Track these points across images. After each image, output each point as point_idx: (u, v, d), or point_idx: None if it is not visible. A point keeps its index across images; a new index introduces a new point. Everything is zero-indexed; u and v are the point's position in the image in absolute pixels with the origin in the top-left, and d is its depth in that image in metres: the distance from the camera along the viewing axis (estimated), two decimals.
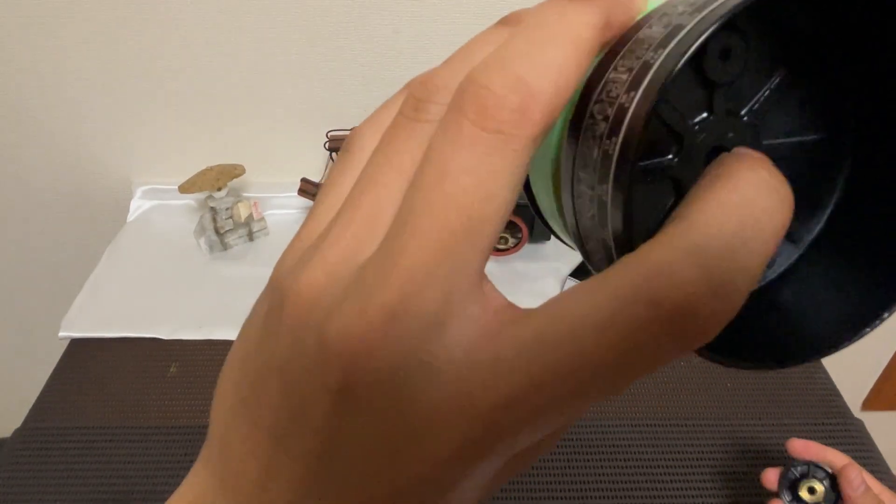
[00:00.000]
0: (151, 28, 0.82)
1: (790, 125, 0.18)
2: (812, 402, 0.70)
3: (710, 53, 0.16)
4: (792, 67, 0.18)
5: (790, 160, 0.18)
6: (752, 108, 0.18)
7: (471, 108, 0.14)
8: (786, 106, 0.18)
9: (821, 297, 0.19)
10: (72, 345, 0.75)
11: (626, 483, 0.61)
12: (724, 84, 0.17)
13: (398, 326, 0.13)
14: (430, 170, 0.14)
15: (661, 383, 0.71)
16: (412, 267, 0.13)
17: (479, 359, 0.13)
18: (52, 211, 1.02)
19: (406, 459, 0.14)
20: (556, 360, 0.13)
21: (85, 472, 0.62)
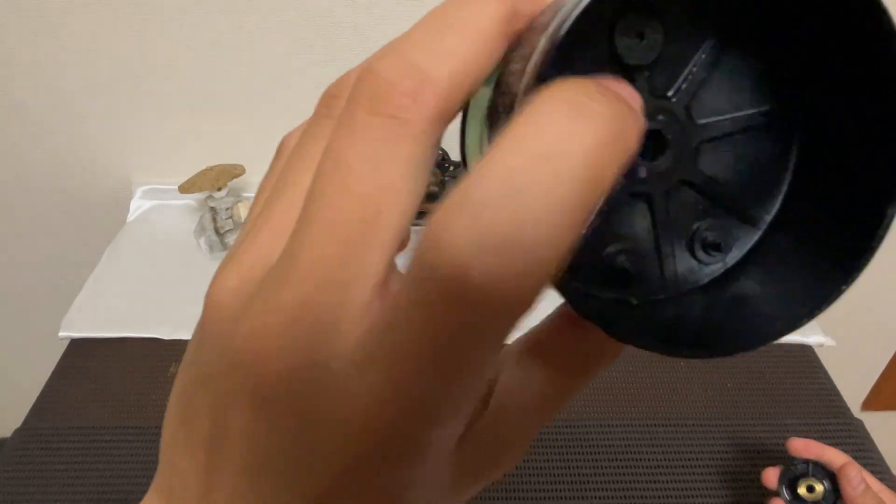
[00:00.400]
0: (151, 28, 0.82)
1: (732, 101, 0.17)
2: (812, 402, 0.70)
3: (621, 35, 0.15)
4: (723, 37, 0.17)
5: (737, 138, 0.17)
6: (681, 87, 0.17)
7: (364, 96, 0.13)
8: (723, 80, 0.17)
9: (783, 279, 0.18)
10: (72, 345, 0.75)
11: (626, 483, 0.61)
12: (644, 67, 0.16)
13: (296, 327, 0.13)
14: (326, 162, 0.13)
15: (661, 383, 0.71)
16: (310, 263, 0.13)
17: (360, 358, 0.13)
18: (52, 211, 1.02)
19: (316, 465, 0.14)
20: (397, 354, 0.12)
21: (85, 472, 0.61)
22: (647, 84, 0.16)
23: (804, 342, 0.76)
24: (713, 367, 0.73)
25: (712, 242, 0.18)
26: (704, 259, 0.18)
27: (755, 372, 0.73)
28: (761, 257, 0.18)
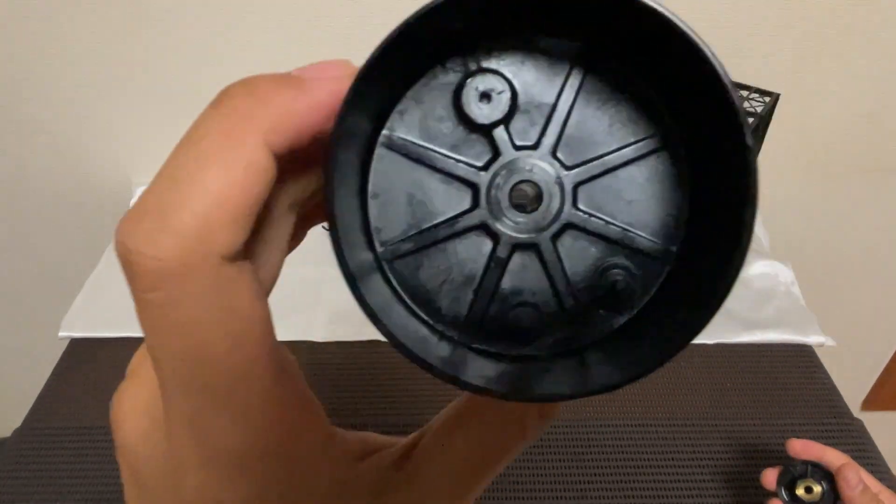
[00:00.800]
0: (151, 28, 0.82)
1: (604, 138, 0.17)
2: (812, 402, 0.70)
3: (466, 98, 0.16)
4: (584, 76, 0.17)
5: (618, 173, 0.17)
6: (545, 132, 0.17)
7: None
8: (590, 118, 0.17)
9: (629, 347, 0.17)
10: (72, 345, 0.75)
11: (626, 483, 0.61)
12: (499, 121, 0.16)
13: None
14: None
15: (660, 383, 0.71)
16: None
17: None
18: (52, 211, 1.02)
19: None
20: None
21: (85, 472, 0.61)
22: (508, 136, 0.17)
23: (804, 342, 0.76)
24: (713, 367, 0.73)
25: (616, 284, 0.17)
26: (615, 302, 0.17)
27: (755, 372, 0.73)
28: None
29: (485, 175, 0.17)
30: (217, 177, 0.14)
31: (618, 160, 0.17)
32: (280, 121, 0.15)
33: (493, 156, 0.17)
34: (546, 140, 0.17)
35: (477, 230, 0.17)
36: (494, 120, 0.17)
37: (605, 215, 0.17)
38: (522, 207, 0.17)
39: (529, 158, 0.17)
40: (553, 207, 0.17)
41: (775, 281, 0.85)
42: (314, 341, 0.75)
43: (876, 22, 0.84)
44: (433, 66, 0.17)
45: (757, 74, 0.84)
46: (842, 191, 1.04)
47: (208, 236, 0.14)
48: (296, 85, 0.16)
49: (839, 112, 0.93)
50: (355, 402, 0.68)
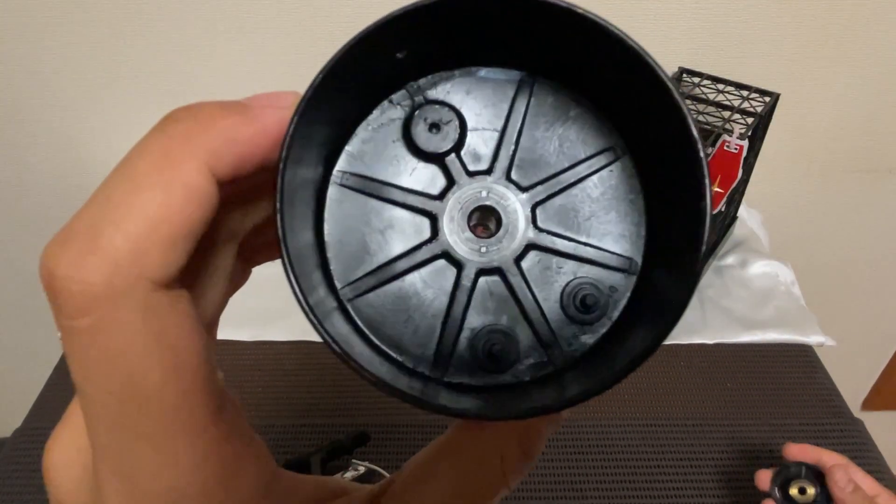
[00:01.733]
0: (151, 28, 0.82)
1: (557, 158, 0.17)
2: (812, 402, 0.70)
3: (415, 129, 0.17)
4: (531, 99, 0.17)
5: (573, 190, 0.17)
6: (497, 156, 0.17)
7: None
8: (542, 139, 0.17)
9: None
10: None
11: (626, 483, 0.61)
12: (450, 150, 0.17)
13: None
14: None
15: (660, 384, 0.71)
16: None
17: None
18: (52, 211, 1.02)
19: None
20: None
21: None
22: (460, 163, 0.17)
23: (804, 342, 0.76)
24: (713, 367, 0.73)
25: (586, 300, 0.17)
26: (586, 319, 0.17)
27: (755, 372, 0.73)
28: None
29: (441, 204, 0.17)
30: (152, 197, 0.13)
31: (572, 177, 0.17)
32: (222, 145, 0.14)
33: (448, 184, 0.17)
34: (499, 164, 0.17)
35: (438, 259, 0.17)
36: (445, 149, 0.17)
37: (566, 232, 0.17)
38: (482, 232, 0.17)
39: (484, 183, 0.17)
40: (513, 229, 0.17)
41: (775, 281, 0.85)
42: (314, 341, 0.75)
43: (876, 22, 0.84)
44: (381, 101, 0.17)
45: (757, 74, 0.84)
46: (842, 191, 1.04)
47: (140, 259, 0.13)
48: (241, 111, 0.15)
49: (839, 112, 0.93)
50: (355, 402, 0.68)
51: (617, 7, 0.81)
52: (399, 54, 0.16)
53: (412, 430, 0.65)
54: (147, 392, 0.14)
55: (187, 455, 0.15)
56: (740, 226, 0.94)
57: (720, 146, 0.68)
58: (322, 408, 0.68)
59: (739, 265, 0.87)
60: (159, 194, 0.13)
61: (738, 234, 0.92)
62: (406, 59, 0.16)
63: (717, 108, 0.74)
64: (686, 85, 0.82)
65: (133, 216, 0.13)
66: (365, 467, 0.54)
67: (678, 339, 0.76)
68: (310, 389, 0.70)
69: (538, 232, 0.17)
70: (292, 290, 0.15)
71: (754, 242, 0.91)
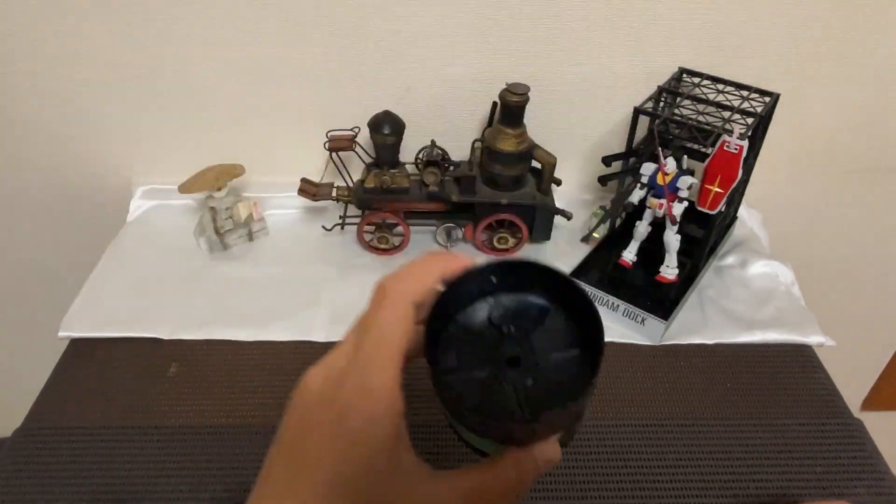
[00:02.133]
0: (152, 28, 0.82)
1: (554, 346, 0.33)
2: (812, 402, 0.70)
3: (492, 317, 0.34)
4: (543, 318, 0.34)
5: (557, 357, 0.33)
6: (526, 335, 0.33)
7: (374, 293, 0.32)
8: (549, 337, 0.34)
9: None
10: (72, 345, 0.75)
11: (626, 483, 0.61)
12: (506, 332, 0.34)
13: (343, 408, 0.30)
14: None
15: (660, 384, 0.71)
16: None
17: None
18: (53, 211, 1.02)
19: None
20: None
21: (85, 472, 0.62)
22: (512, 331, 0.33)
23: (804, 342, 0.76)
24: (713, 367, 0.73)
25: (533, 392, 0.32)
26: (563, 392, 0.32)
27: (755, 372, 0.73)
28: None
29: (494, 351, 0.33)
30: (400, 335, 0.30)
31: (556, 360, 0.33)
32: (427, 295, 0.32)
33: (498, 343, 0.33)
34: (527, 340, 0.33)
35: (492, 367, 0.33)
36: (503, 328, 0.34)
37: (548, 371, 0.32)
38: (513, 362, 0.32)
39: (518, 347, 0.33)
40: (524, 367, 0.32)
41: (775, 281, 0.85)
42: (314, 341, 0.75)
43: (876, 22, 0.84)
44: (480, 298, 0.34)
45: (757, 74, 0.84)
46: (842, 191, 1.04)
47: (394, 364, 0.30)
48: (436, 263, 0.33)
49: (839, 112, 0.93)
50: None
51: (617, 7, 0.81)
52: (493, 277, 0.34)
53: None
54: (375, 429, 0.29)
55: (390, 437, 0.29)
56: (740, 226, 0.94)
57: (720, 146, 0.68)
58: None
59: (739, 265, 0.87)
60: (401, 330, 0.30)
61: (738, 234, 0.93)
62: (497, 280, 0.34)
63: (717, 108, 0.74)
64: (686, 85, 0.82)
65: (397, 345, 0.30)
66: None
67: (678, 339, 0.76)
68: None
69: (536, 371, 0.33)
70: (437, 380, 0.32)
71: (754, 242, 0.91)
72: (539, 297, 0.34)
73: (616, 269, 0.82)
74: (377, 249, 0.87)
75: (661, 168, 0.73)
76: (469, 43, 0.84)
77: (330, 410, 0.28)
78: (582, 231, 0.92)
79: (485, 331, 0.33)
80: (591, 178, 0.97)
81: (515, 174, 0.83)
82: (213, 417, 0.67)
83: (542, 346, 0.33)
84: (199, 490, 0.60)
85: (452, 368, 0.32)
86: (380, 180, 0.83)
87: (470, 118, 0.91)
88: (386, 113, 0.80)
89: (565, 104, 0.90)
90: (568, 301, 0.33)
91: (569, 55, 0.86)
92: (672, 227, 0.76)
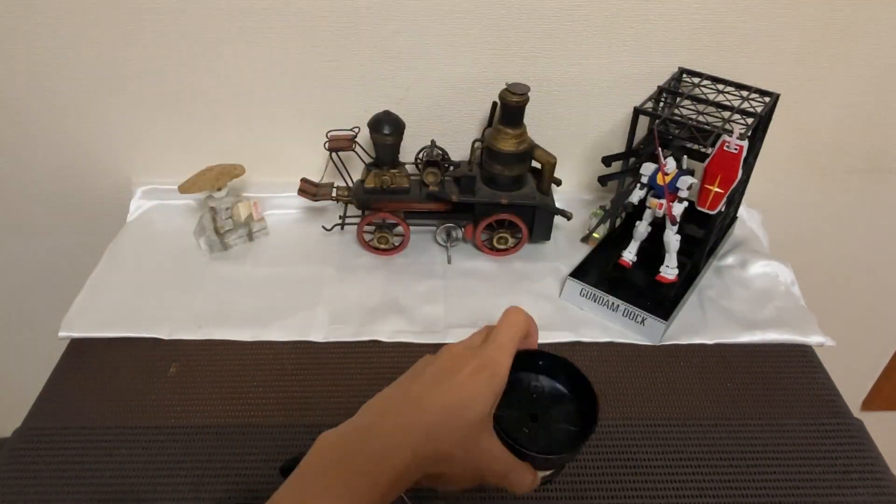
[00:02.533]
0: (151, 28, 0.82)
1: (563, 420, 0.47)
2: (812, 402, 0.70)
3: (533, 391, 0.49)
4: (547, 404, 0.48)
5: (560, 424, 0.47)
6: (540, 403, 0.48)
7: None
8: (557, 413, 0.48)
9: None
10: (72, 345, 0.75)
11: (627, 483, 0.61)
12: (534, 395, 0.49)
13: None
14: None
15: (661, 383, 0.71)
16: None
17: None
18: (53, 211, 1.02)
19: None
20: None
21: (85, 472, 0.62)
22: (537, 398, 0.49)
23: (804, 342, 0.76)
24: (713, 367, 0.73)
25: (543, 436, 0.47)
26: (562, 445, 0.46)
27: (755, 372, 0.73)
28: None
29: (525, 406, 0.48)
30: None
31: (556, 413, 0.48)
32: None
33: (529, 402, 0.48)
34: (541, 410, 0.48)
35: (519, 415, 0.47)
36: (534, 395, 0.49)
37: (552, 425, 0.47)
38: (533, 418, 0.47)
39: (539, 409, 0.48)
40: (541, 421, 0.47)
41: (775, 281, 0.85)
42: (314, 341, 0.75)
43: (876, 22, 0.84)
44: (521, 371, 0.49)
45: (757, 74, 0.84)
46: (842, 191, 1.04)
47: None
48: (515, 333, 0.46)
49: (839, 112, 0.93)
50: (355, 402, 0.68)
51: (617, 8, 0.81)
52: (541, 361, 0.50)
53: None
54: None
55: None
56: (740, 226, 0.94)
57: (720, 146, 0.68)
58: (322, 408, 0.68)
59: (739, 265, 0.87)
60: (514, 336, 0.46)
61: (738, 234, 0.93)
62: (542, 363, 0.49)
63: (717, 108, 0.74)
64: (686, 85, 0.82)
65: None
66: None
67: (678, 339, 0.76)
68: (310, 389, 0.70)
69: (547, 423, 0.47)
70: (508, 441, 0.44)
71: (754, 242, 0.91)
72: (563, 385, 0.50)
73: (616, 269, 0.82)
74: (377, 249, 0.87)
75: (661, 168, 0.73)
76: (469, 43, 0.84)
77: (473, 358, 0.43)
78: (582, 231, 0.93)
79: (523, 392, 0.49)
80: (591, 178, 0.97)
81: (515, 174, 0.83)
82: (213, 417, 0.67)
83: (555, 415, 0.48)
84: (199, 490, 0.60)
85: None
86: (380, 180, 0.83)
87: (470, 118, 0.91)
88: (386, 113, 0.80)
89: (565, 104, 0.90)
90: (584, 393, 0.48)
91: (569, 55, 0.86)
92: (672, 227, 0.76)
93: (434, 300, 0.80)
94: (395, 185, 0.83)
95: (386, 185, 0.83)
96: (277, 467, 0.62)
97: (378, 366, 0.72)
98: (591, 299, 0.79)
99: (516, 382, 0.48)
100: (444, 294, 0.81)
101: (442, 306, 0.79)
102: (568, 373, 0.49)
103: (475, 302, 0.80)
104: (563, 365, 0.49)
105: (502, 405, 0.44)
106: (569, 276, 0.80)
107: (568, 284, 0.80)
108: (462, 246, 0.90)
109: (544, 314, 0.79)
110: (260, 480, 0.61)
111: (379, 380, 0.75)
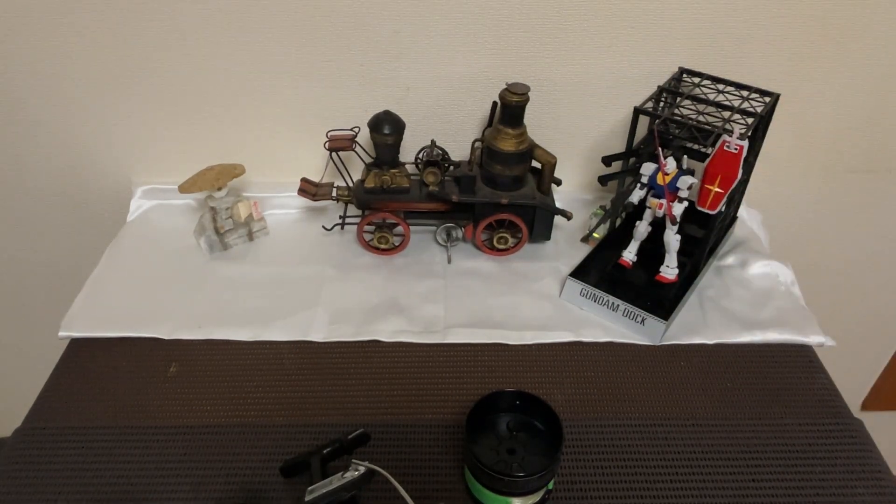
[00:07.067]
0: (152, 27, 0.82)
1: (538, 453, 0.58)
2: (812, 402, 0.70)
3: (511, 427, 0.60)
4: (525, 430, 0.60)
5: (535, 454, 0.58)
6: (518, 441, 0.59)
7: None
8: (533, 447, 0.58)
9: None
10: (72, 345, 0.75)
11: (626, 483, 0.61)
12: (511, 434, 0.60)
13: None
14: None
15: (661, 383, 0.71)
16: None
17: None
18: (53, 211, 1.02)
19: None
20: None
21: (85, 472, 0.62)
22: (516, 434, 0.59)
23: (804, 342, 0.76)
24: (713, 367, 0.73)
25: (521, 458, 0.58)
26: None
27: (755, 372, 0.73)
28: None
29: (503, 441, 0.59)
30: None
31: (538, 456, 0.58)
32: None
33: (507, 438, 0.59)
34: (520, 447, 0.59)
35: (499, 450, 0.58)
36: (512, 432, 0.59)
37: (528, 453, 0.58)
38: (511, 452, 0.58)
39: (516, 444, 0.59)
40: (517, 454, 0.58)
41: (775, 281, 0.85)
42: (314, 341, 0.75)
43: (876, 22, 0.84)
44: (499, 412, 0.61)
45: (757, 74, 0.84)
46: (842, 191, 1.04)
47: None
48: None
49: (839, 112, 0.93)
50: (355, 402, 0.68)
51: (617, 8, 0.81)
52: (517, 401, 0.61)
53: (412, 430, 0.65)
54: None
55: None
56: (740, 226, 0.94)
57: (720, 146, 0.68)
58: (322, 408, 0.68)
59: (739, 265, 0.87)
60: None
61: (738, 234, 0.93)
62: (518, 402, 0.60)
63: (717, 108, 0.74)
64: (686, 85, 0.82)
65: None
66: (365, 467, 0.54)
67: (678, 339, 0.76)
68: (310, 389, 0.70)
69: (525, 453, 0.58)
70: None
71: (754, 242, 0.91)
72: (539, 422, 0.59)
73: (616, 269, 0.82)
74: (377, 249, 0.87)
75: (661, 168, 0.73)
76: (469, 43, 0.84)
77: None
78: (582, 231, 0.93)
79: (501, 430, 0.59)
80: (591, 178, 0.97)
81: (515, 174, 0.83)
82: (213, 417, 0.67)
83: (531, 448, 0.57)
84: (200, 490, 0.60)
85: (476, 442, 0.58)
86: (380, 180, 0.83)
87: (470, 118, 0.91)
88: (386, 113, 0.80)
89: (565, 104, 0.90)
90: (557, 430, 0.57)
91: (569, 55, 0.86)
92: (672, 227, 0.76)
93: (434, 300, 0.80)
94: (395, 184, 0.83)
95: (386, 184, 0.83)
96: (277, 467, 0.62)
97: (378, 365, 0.72)
98: (591, 299, 0.79)
99: (496, 422, 0.59)
100: (444, 294, 0.81)
101: (442, 306, 0.79)
102: (542, 409, 0.59)
103: (475, 302, 0.80)
104: (538, 404, 0.59)
105: (481, 443, 0.56)
106: (569, 276, 0.80)
107: (568, 284, 0.80)
108: (462, 246, 0.90)
109: (544, 314, 0.79)
110: (260, 480, 0.61)
111: (378, 380, 0.75)
